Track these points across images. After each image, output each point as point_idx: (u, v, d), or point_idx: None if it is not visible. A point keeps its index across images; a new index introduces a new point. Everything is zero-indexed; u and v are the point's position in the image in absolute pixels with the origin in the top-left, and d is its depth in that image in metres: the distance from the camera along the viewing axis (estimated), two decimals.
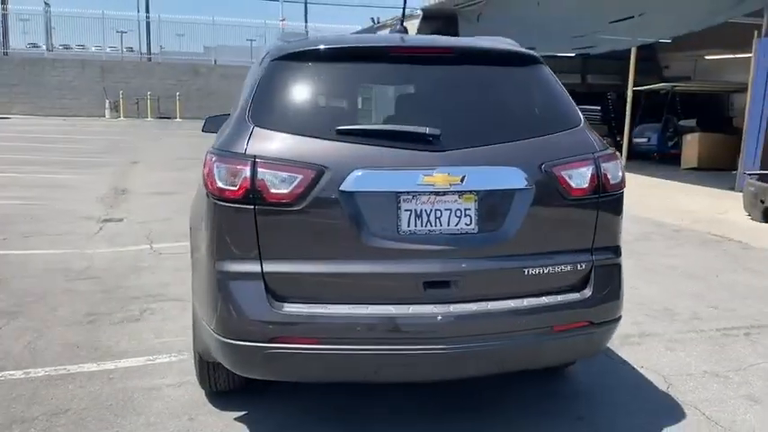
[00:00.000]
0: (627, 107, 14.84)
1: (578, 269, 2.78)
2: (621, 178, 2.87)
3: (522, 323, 2.66)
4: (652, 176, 13.06)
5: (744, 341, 4.28)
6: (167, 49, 30.51)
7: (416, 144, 2.61)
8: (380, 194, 2.59)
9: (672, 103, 16.43)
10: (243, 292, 2.59)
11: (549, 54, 12.43)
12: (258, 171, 2.55)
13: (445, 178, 2.57)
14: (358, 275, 2.59)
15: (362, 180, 2.55)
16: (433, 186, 2.57)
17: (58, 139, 18.06)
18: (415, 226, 2.60)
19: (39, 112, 26.08)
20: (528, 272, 2.69)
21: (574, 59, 18.29)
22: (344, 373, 2.69)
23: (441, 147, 2.61)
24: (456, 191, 2.60)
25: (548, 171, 2.70)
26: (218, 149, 2.70)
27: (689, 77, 18.94)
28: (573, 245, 2.79)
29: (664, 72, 20.06)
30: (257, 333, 2.57)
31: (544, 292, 2.73)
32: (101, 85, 27.00)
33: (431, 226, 2.60)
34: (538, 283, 2.72)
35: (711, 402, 3.40)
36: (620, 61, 16.02)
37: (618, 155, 2.89)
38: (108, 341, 4.13)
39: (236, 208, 2.58)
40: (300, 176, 2.54)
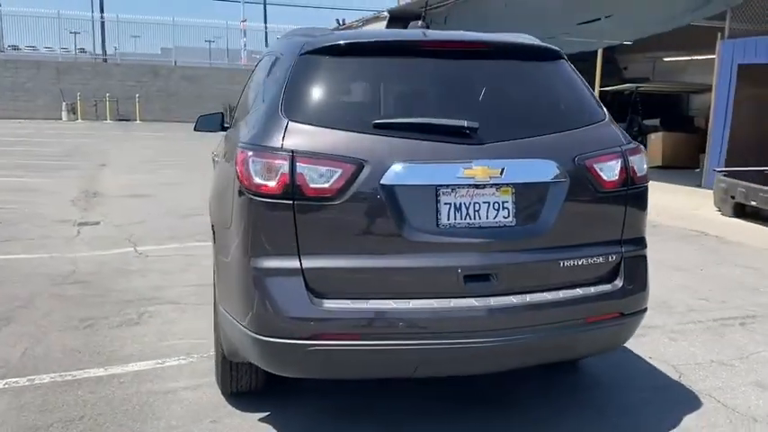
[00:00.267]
0: None
1: (609, 261, 2.82)
2: (646, 171, 2.92)
3: (559, 315, 2.68)
4: None
5: (741, 331, 4.41)
6: (123, 50, 29.75)
7: (454, 137, 2.61)
8: (420, 188, 2.58)
9: (635, 103, 16.82)
10: (282, 288, 2.55)
11: None
12: (297, 166, 2.51)
13: (485, 171, 2.57)
14: (399, 270, 2.57)
15: (403, 173, 2.53)
16: (474, 179, 2.57)
17: (17, 141, 17.53)
18: (455, 219, 2.60)
19: None
20: (563, 264, 2.72)
21: None
22: (386, 368, 2.67)
23: (478, 140, 2.62)
24: (494, 184, 2.61)
25: (581, 164, 2.74)
26: (251, 144, 2.64)
27: (647, 78, 19.39)
28: (604, 237, 2.83)
29: (623, 73, 20.52)
30: (298, 330, 2.53)
31: (578, 283, 2.76)
32: (57, 86, 26.29)
33: (470, 219, 2.60)
34: (572, 275, 2.75)
35: (723, 390, 3.48)
36: (584, 63, 16.30)
37: (642, 148, 2.95)
38: (110, 345, 4.01)
39: (274, 203, 2.53)
40: (340, 171, 2.51)
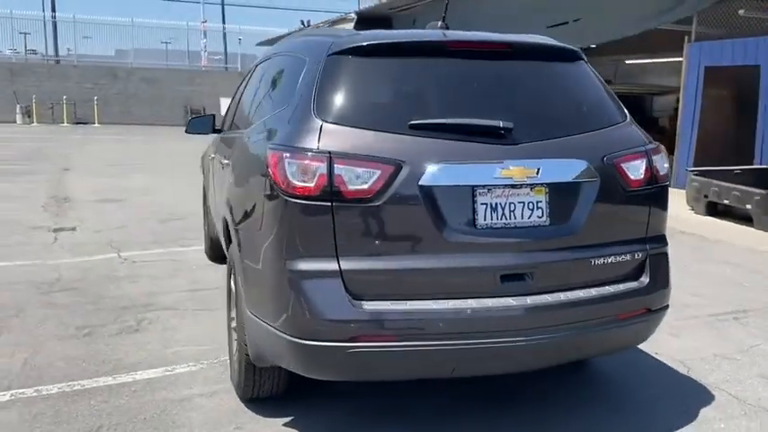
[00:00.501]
0: None
1: (635, 258, 2.87)
2: (667, 170, 2.99)
3: (592, 312, 2.72)
4: None
5: (736, 325, 4.54)
6: (76, 51, 28.91)
7: (489, 137, 2.63)
8: (458, 188, 2.58)
9: None
10: (320, 290, 2.52)
11: None
12: (335, 167, 2.49)
13: (522, 171, 2.60)
14: (437, 270, 2.57)
15: (440, 174, 2.54)
16: (511, 179, 2.59)
17: None
18: (491, 219, 2.61)
19: None
20: (594, 262, 2.76)
21: None
22: (425, 369, 2.67)
23: (512, 140, 2.64)
24: (529, 184, 2.63)
25: (609, 163, 2.79)
26: (284, 145, 2.61)
27: (610, 81, 19.85)
28: (630, 235, 2.88)
29: None
30: (338, 332, 2.50)
31: (608, 281, 2.81)
32: (10, 88, 25.46)
33: (506, 219, 2.62)
34: (603, 273, 2.79)
35: (731, 383, 3.58)
36: None
37: (663, 148, 3.01)
38: (113, 354, 3.90)
39: (312, 205, 2.51)
40: (379, 172, 2.50)
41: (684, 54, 11.09)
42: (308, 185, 2.50)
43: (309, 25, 22.82)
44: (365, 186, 2.49)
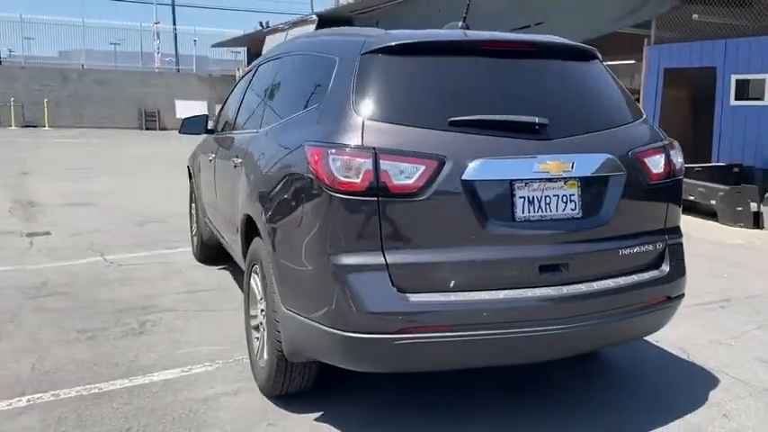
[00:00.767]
0: None
1: (657, 248, 3.01)
2: (682, 164, 3.14)
3: (620, 300, 2.84)
4: None
5: (723, 313, 4.76)
6: (21, 52, 27.94)
7: (525, 133, 2.72)
8: (498, 182, 2.67)
9: None
10: (367, 284, 2.56)
11: None
12: (380, 163, 2.54)
13: (559, 165, 2.70)
14: (479, 262, 2.65)
15: (482, 169, 2.61)
16: (548, 173, 2.69)
17: None
18: (529, 212, 2.70)
19: None
20: (621, 252, 2.88)
21: None
22: (468, 359, 2.74)
23: (546, 135, 2.74)
24: (564, 177, 2.73)
25: (634, 158, 2.92)
26: (327, 142, 2.64)
27: None
28: (652, 225, 3.02)
29: None
30: (386, 325, 2.55)
31: (634, 270, 2.94)
32: None
33: (542, 212, 2.72)
34: (629, 263, 2.92)
35: (732, 366, 3.77)
36: None
37: (677, 144, 3.16)
38: (123, 356, 3.85)
39: (358, 200, 2.55)
40: (423, 167, 2.56)
41: (644, 56, 11.48)
42: (355, 181, 2.54)
43: (268, 27, 22.66)
44: (410, 181, 2.55)
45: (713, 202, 8.43)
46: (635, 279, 2.90)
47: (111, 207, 9.06)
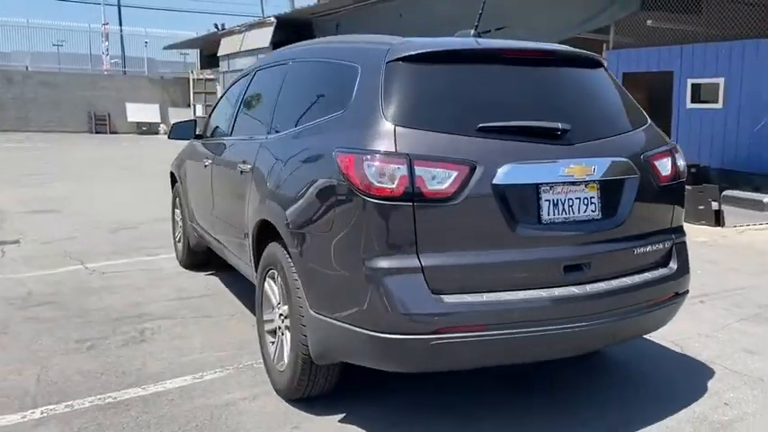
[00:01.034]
0: None
1: (665, 246, 3.17)
2: (685, 166, 3.32)
3: (635, 297, 2.98)
4: None
5: (704, 308, 4.99)
6: None
7: (548, 138, 2.84)
8: (525, 186, 2.77)
9: None
10: (403, 286, 2.62)
11: None
12: (415, 168, 2.61)
13: (582, 169, 2.83)
14: (509, 263, 2.74)
15: (511, 173, 2.71)
16: (572, 177, 2.81)
17: None
18: (553, 215, 2.82)
19: None
20: (636, 251, 3.03)
21: None
22: (499, 357, 2.83)
23: (568, 140, 2.86)
24: (587, 180, 2.86)
25: (646, 161, 3.07)
26: (359, 148, 2.69)
27: None
28: (661, 225, 3.18)
29: None
30: (421, 326, 2.62)
31: (646, 268, 3.09)
32: None
33: (566, 214, 2.84)
34: (642, 261, 3.07)
35: (722, 357, 3.98)
36: None
37: (679, 147, 3.34)
38: (129, 365, 3.81)
39: (393, 205, 2.61)
40: (456, 172, 2.64)
41: (604, 60, 11.87)
42: (390, 186, 2.60)
43: (224, 29, 22.42)
44: (443, 187, 2.63)
45: None
46: (648, 276, 3.05)
47: (75, 213, 8.86)
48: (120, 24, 36.29)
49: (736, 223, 8.48)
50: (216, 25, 23.45)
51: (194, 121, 5.27)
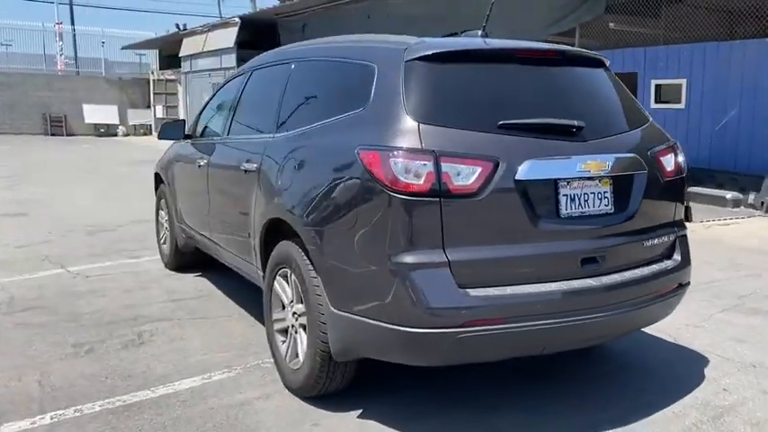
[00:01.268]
0: None
1: (670, 239, 3.29)
2: (686, 162, 3.45)
3: (645, 288, 3.09)
4: None
5: (687, 299, 5.13)
6: None
7: (565, 135, 2.92)
8: (545, 182, 2.85)
9: None
10: (430, 281, 2.66)
11: None
12: (441, 165, 2.65)
13: (598, 165, 2.92)
14: (531, 257, 2.81)
15: (532, 169, 2.78)
16: (589, 172, 2.90)
17: None
18: (571, 209, 2.90)
19: None
20: (644, 244, 3.14)
21: None
22: (522, 348, 2.90)
23: (582, 137, 2.95)
24: (601, 176, 2.95)
25: (653, 157, 3.18)
26: (384, 145, 2.73)
27: None
28: (666, 219, 3.30)
29: None
30: (448, 320, 2.66)
31: (654, 260, 3.20)
32: None
33: (582, 209, 2.92)
34: (650, 253, 3.18)
35: (713, 346, 4.14)
36: None
37: (679, 144, 3.46)
38: (133, 368, 3.75)
39: (420, 201, 2.64)
40: (480, 168, 2.70)
41: None
42: (417, 182, 2.64)
43: (185, 29, 22.10)
44: (468, 182, 2.68)
45: None
46: (655, 268, 3.17)
47: (49, 217, 8.64)
48: (73, 23, 35.36)
49: (702, 219, 8.78)
50: (177, 26, 23.12)
51: (184, 121, 5.21)
